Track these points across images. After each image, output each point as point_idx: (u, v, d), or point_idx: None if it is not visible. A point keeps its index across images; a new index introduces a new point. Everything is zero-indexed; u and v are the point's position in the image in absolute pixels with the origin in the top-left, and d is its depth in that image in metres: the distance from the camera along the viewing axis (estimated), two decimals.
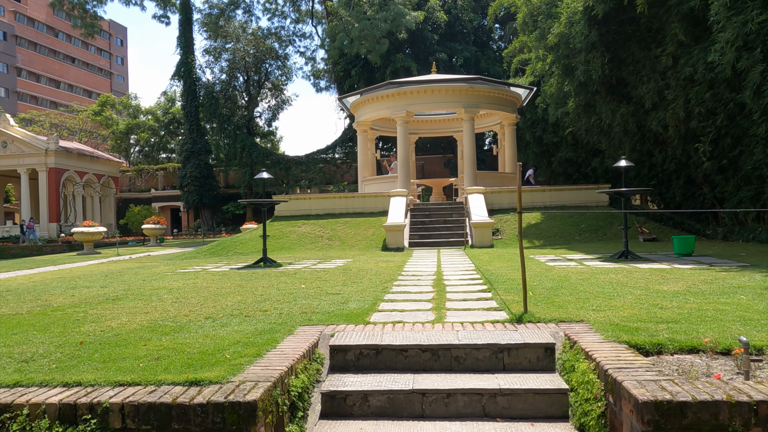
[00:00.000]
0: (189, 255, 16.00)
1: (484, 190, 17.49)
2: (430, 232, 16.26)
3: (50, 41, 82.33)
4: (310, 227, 17.02)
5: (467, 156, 19.52)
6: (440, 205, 18.66)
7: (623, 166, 10.82)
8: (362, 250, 15.00)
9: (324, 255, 13.76)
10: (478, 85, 19.42)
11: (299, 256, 13.56)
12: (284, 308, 5.87)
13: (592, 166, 24.51)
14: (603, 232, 15.59)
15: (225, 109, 45.50)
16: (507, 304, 5.78)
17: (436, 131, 25.14)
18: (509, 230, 16.14)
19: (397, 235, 15.01)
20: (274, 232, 16.94)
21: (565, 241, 15.16)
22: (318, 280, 8.17)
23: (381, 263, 10.91)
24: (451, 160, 39.99)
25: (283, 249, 15.73)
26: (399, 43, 38.42)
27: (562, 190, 17.89)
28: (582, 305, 5.53)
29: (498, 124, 23.55)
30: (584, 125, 19.33)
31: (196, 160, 41.84)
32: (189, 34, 42.79)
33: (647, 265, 9.45)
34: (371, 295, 6.69)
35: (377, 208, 17.84)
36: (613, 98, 16.32)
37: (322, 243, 15.99)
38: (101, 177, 45.71)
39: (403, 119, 19.51)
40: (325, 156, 43.15)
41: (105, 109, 55.55)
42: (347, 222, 17.18)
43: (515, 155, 21.90)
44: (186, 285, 8.17)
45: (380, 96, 19.76)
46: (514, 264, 10.04)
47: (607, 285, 6.89)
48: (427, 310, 5.67)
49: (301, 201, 18.01)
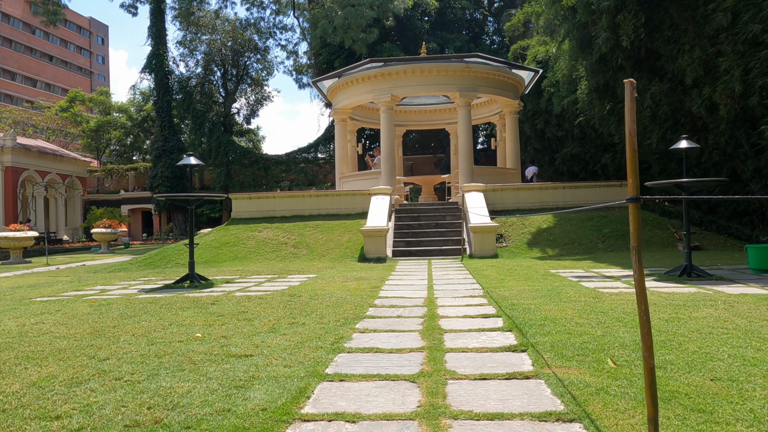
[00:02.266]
0: (120, 267, 12.85)
1: (483, 188, 14.50)
2: (418, 239, 13.23)
3: (26, 38, 79.05)
4: (273, 232, 13.93)
5: (463, 149, 16.53)
6: (431, 206, 15.67)
7: (684, 149, 7.88)
8: (333, 261, 11.94)
9: (283, 268, 10.68)
10: (475, 64, 16.45)
11: (250, 270, 10.48)
12: (107, 408, 2.80)
13: (602, 163, 21.61)
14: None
15: (200, 104, 42.39)
16: (581, 402, 2.75)
17: (427, 123, 22.08)
18: (516, 236, 13.15)
19: (378, 242, 11.98)
20: (230, 238, 13.84)
21: (586, 249, 12.20)
22: (237, 319, 5.09)
23: (351, 282, 7.88)
24: (443, 160, 37.05)
25: (237, 259, 12.63)
26: (386, 31, 35.49)
27: (577, 187, 14.92)
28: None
29: (497, 114, 20.60)
30: (598, 112, 16.44)
31: (168, 159, 38.76)
32: (161, 23, 39.77)
33: (733, 288, 6.49)
34: (309, 357, 3.65)
35: (355, 208, 14.79)
36: (641, 75, 13.42)
37: (286, 251, 12.91)
38: (66, 177, 42.40)
39: (387, 104, 16.49)
40: (307, 155, 40.08)
41: (74, 106, 52.13)
42: (318, 226, 14.11)
43: (518, 148, 18.95)
44: (22, 328, 5.07)
45: (361, 77, 16.73)
46: (536, 285, 7.03)
47: (727, 338, 3.90)
48: (411, 415, 2.64)
49: (264, 200, 14.91)
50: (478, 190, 14.40)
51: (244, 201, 14.92)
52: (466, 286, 7.24)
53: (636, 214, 2.37)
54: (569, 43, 15.19)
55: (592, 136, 21.56)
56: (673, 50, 12.11)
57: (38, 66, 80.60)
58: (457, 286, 7.26)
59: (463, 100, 16.44)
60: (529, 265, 9.89)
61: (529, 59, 23.76)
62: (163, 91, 39.16)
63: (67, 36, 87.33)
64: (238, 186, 40.00)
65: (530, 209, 14.47)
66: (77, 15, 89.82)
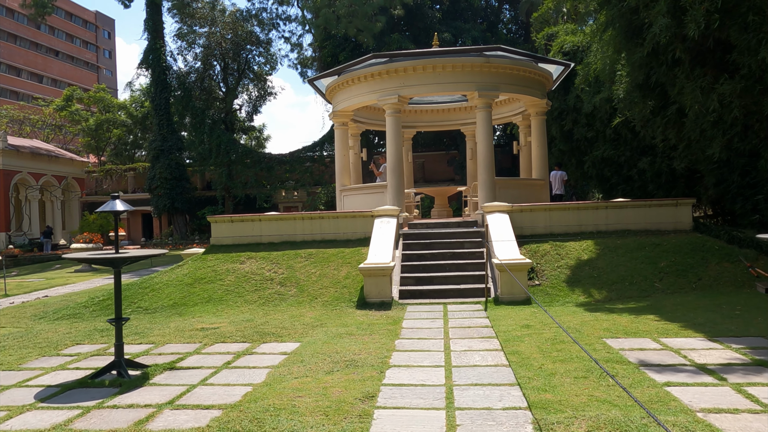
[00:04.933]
0: (72, 312, 10.60)
1: (509, 208, 12.09)
2: (431, 274, 10.88)
3: (32, 33, 77.64)
4: (258, 264, 11.65)
5: (483, 156, 14.08)
6: (446, 226, 13.30)
7: None
8: (326, 307, 9.65)
9: (261, 326, 8.41)
10: (497, 59, 13.97)
11: (221, 329, 8.23)
12: None
13: (639, 168, 19.04)
14: (696, 274, 10.18)
15: (200, 101, 40.24)
16: None
17: (439, 124, 19.61)
18: (550, 270, 10.75)
19: (381, 283, 9.67)
20: (205, 271, 11.59)
21: (640, 290, 9.78)
22: None
23: (337, 374, 5.59)
24: (456, 157, 34.56)
25: (211, 302, 10.38)
26: (395, 21, 32.94)
27: (623, 207, 12.39)
28: None
29: (519, 113, 18.10)
30: (639, 113, 13.95)
31: (167, 159, 36.79)
32: (157, 16, 37.60)
33: None
34: None
35: (356, 233, 12.46)
36: (705, 71, 10.91)
37: (271, 291, 10.63)
38: (62, 179, 40.62)
39: (394, 107, 14.10)
40: (312, 154, 37.82)
41: (72, 103, 50.20)
42: (312, 256, 11.81)
43: (545, 155, 16.45)
44: None
45: (363, 75, 14.33)
46: (600, 389, 4.67)
47: None
48: None
49: (249, 224, 12.61)
50: (503, 210, 11.99)
51: (225, 225, 12.64)
52: (501, 393, 4.91)
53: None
54: (611, 33, 12.67)
55: (628, 137, 19.00)
56: (752, 40, 9.57)
57: (44, 61, 79.29)
58: (483, 374, 4.94)
59: (482, 101, 14.00)
60: (576, 326, 7.53)
61: (554, 50, 21.19)
62: (160, 88, 37.06)
63: (72, 30, 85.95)
64: (240, 186, 37.91)
65: (565, 233, 12.05)
66: (83, 9, 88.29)
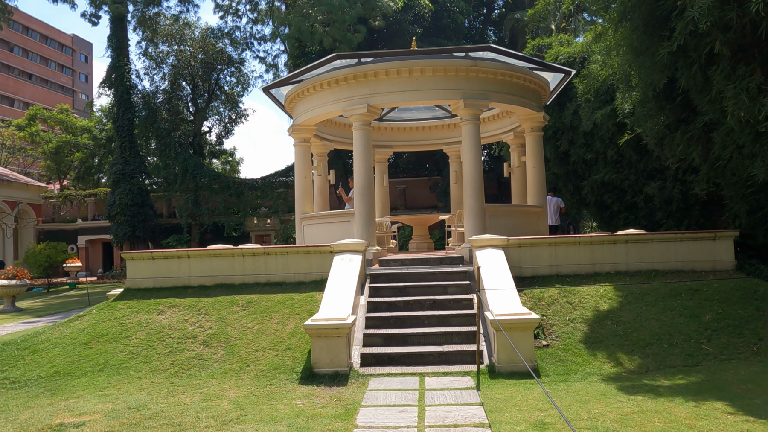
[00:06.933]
0: None
1: (503, 242, 9.54)
2: (404, 330, 8.22)
3: (3, 56, 75.57)
4: (181, 314, 8.90)
5: (470, 178, 11.58)
6: (426, 263, 10.70)
7: None
8: (259, 381, 6.92)
9: (155, 413, 5.63)
10: (486, 61, 11.61)
11: (97, 412, 5.44)
12: None
13: (646, 194, 16.68)
14: (754, 332, 7.65)
15: (166, 122, 37.67)
16: None
17: (419, 143, 17.14)
18: (561, 325, 8.16)
19: (335, 346, 7.01)
20: (111, 324, 8.80)
21: (685, 356, 7.23)
22: None
23: None
24: (439, 183, 32.18)
25: (105, 370, 7.60)
26: (374, 38, 30.89)
27: (647, 241, 9.81)
28: None
29: (510, 131, 15.74)
30: (651, 127, 11.68)
31: (128, 184, 34.02)
32: (122, 32, 35.21)
33: None
34: None
35: (310, 273, 9.79)
36: (751, 70, 8.63)
37: (189, 355, 7.88)
38: (15, 205, 37.47)
39: (362, 119, 11.60)
40: (285, 179, 35.26)
41: (34, 124, 47.28)
42: (252, 303, 9.09)
43: (543, 178, 14.03)
44: None
45: (327, 81, 11.85)
46: None
47: None
48: None
49: (174, 262, 9.84)
50: (496, 245, 9.42)
51: (144, 263, 9.87)
52: None
53: None
54: (625, 28, 10.38)
55: (633, 159, 16.68)
56: None
57: (16, 84, 77.15)
58: None
59: (468, 112, 11.57)
60: (614, 426, 4.94)
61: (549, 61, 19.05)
62: (124, 108, 34.44)
63: (47, 54, 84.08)
64: (208, 213, 35.19)
65: (575, 274, 9.50)
66: (59, 32, 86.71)
